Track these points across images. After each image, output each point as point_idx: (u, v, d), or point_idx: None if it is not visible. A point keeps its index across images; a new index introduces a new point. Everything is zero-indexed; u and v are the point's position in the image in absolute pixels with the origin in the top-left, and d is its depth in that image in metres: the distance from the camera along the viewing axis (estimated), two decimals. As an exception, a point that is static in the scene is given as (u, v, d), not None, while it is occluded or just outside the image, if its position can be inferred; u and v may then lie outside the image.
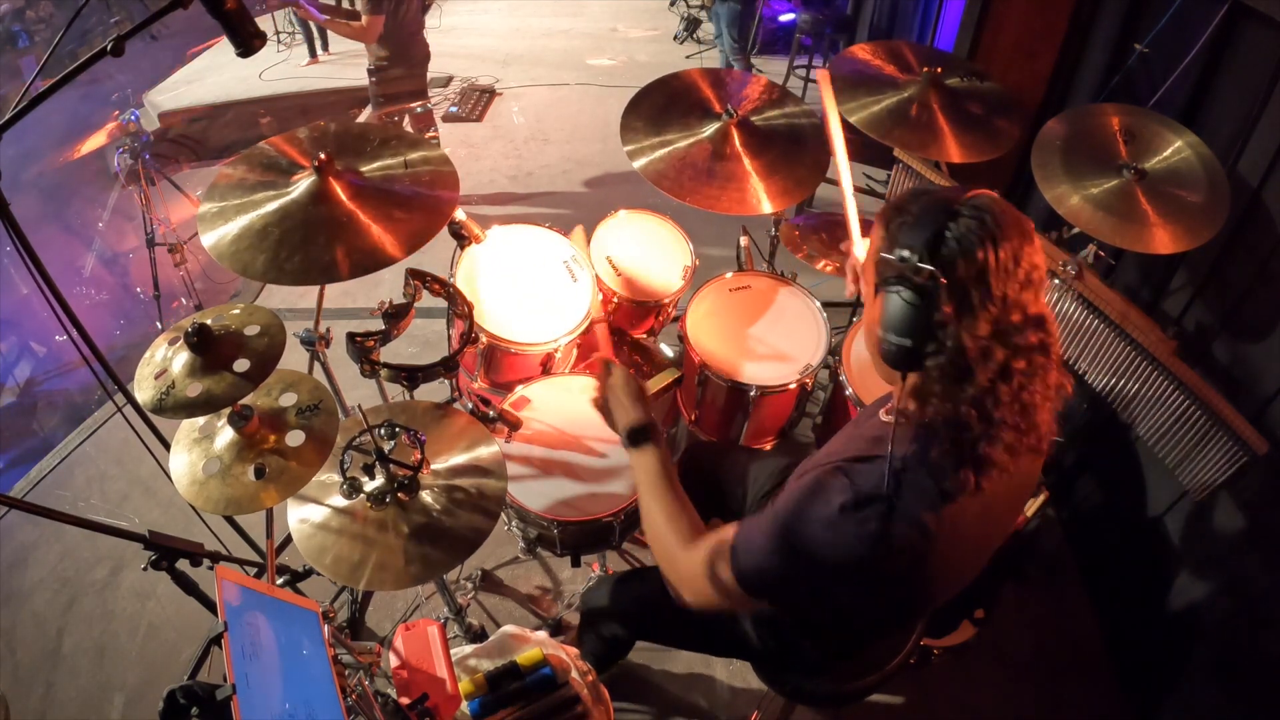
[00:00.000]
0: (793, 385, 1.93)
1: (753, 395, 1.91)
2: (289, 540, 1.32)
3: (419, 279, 1.67)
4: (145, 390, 1.22)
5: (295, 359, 1.59)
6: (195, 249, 3.24)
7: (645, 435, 1.19)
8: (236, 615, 0.91)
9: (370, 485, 1.32)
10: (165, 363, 1.24)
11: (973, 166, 2.05)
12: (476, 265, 1.98)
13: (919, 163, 2.26)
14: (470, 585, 2.11)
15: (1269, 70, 1.73)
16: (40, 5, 6.07)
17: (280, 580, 1.54)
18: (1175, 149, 1.82)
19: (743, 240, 2.37)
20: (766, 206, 1.91)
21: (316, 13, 3.14)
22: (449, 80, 5.33)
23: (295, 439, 1.30)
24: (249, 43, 1.15)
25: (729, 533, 1.02)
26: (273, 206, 1.43)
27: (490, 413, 1.57)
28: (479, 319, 1.80)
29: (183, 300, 3.36)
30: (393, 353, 2.86)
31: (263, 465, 1.26)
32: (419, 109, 3.67)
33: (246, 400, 1.28)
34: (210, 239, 1.39)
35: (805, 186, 1.99)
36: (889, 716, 1.94)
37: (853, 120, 2.05)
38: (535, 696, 1.44)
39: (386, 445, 1.32)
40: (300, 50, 5.78)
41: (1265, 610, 1.61)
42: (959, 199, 0.88)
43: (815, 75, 1.65)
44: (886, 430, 1.00)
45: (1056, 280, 1.88)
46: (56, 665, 2.06)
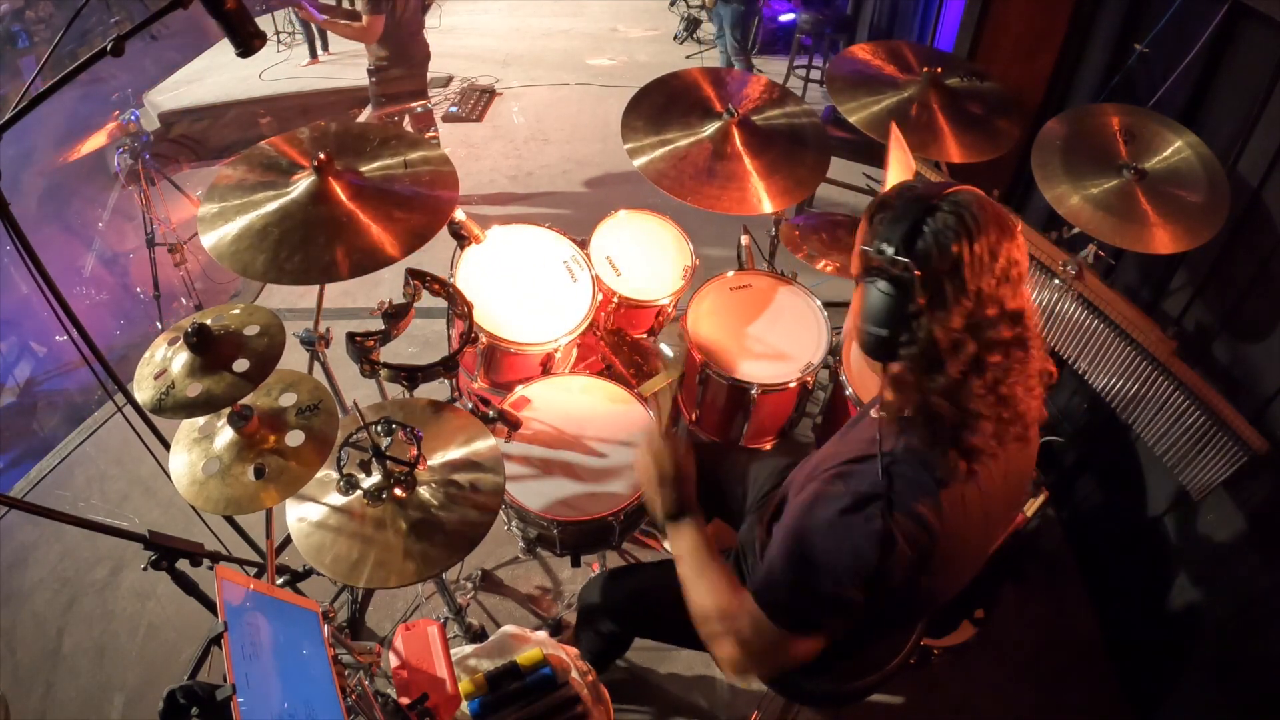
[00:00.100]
0: (793, 384, 1.93)
1: (753, 394, 1.91)
2: (289, 540, 1.32)
3: (419, 279, 1.67)
4: (145, 390, 1.22)
5: (295, 359, 1.59)
6: (195, 249, 3.24)
7: (685, 509, 1.20)
8: (236, 615, 0.91)
9: (367, 482, 1.32)
10: (165, 363, 1.24)
11: (973, 166, 2.05)
12: (476, 265, 1.98)
13: (919, 163, 2.26)
14: (470, 585, 2.11)
15: (1269, 70, 1.73)
16: (40, 5, 6.07)
17: (280, 580, 1.54)
18: (1175, 149, 1.82)
19: (743, 240, 2.37)
20: (767, 206, 1.92)
21: (317, 13, 3.14)
22: (449, 80, 5.33)
23: (295, 439, 1.30)
24: (249, 43, 1.15)
25: (747, 590, 1.03)
26: (273, 206, 1.43)
27: (490, 412, 1.57)
28: (479, 319, 1.80)
29: (183, 300, 3.36)
30: (393, 353, 2.85)
31: (262, 465, 1.26)
32: (419, 109, 3.67)
33: (246, 400, 1.28)
34: (210, 239, 1.39)
35: (806, 186, 2.00)
36: (889, 716, 1.94)
37: (853, 120, 2.05)
38: (535, 696, 1.44)
39: (383, 442, 1.32)
40: (300, 50, 5.78)
41: (1265, 610, 1.61)
42: (940, 194, 0.89)
43: (891, 134, 1.65)
44: (876, 428, 1.01)
45: (1056, 280, 1.88)
46: (56, 665, 2.06)
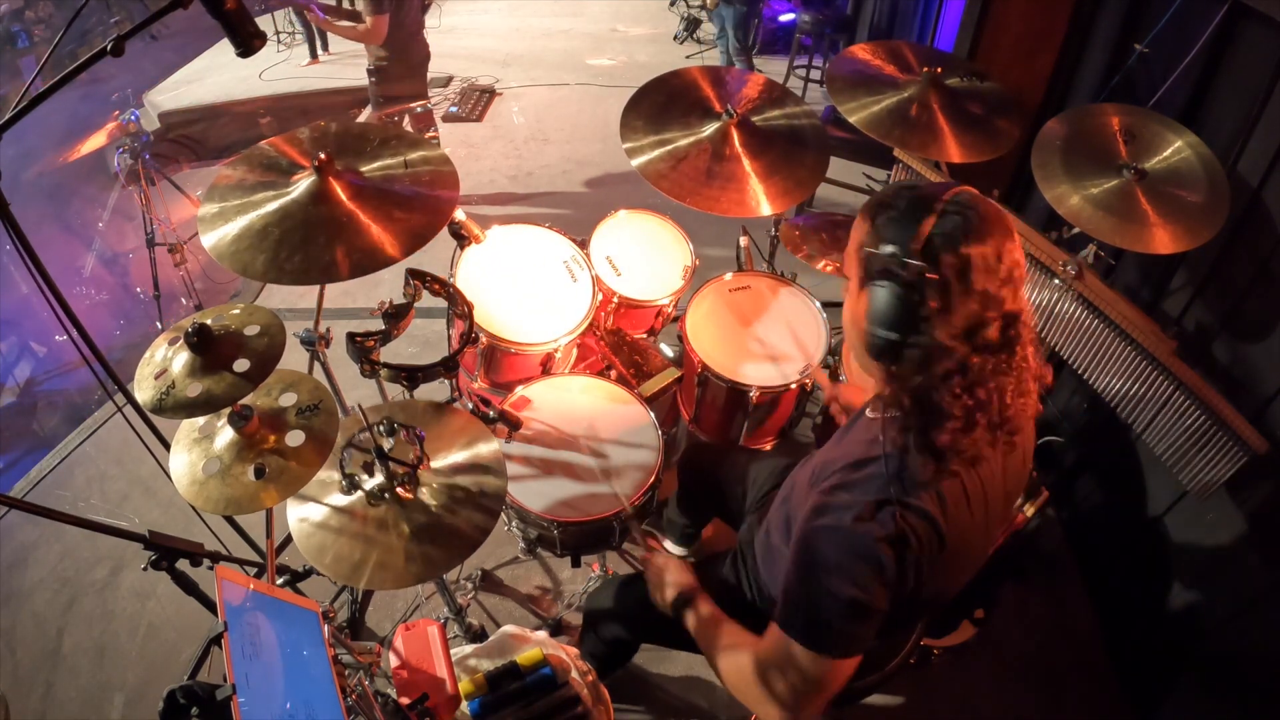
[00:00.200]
0: (793, 385, 1.93)
1: (752, 395, 1.91)
2: (289, 540, 1.32)
3: (419, 279, 1.67)
4: (145, 390, 1.22)
5: (295, 359, 1.59)
6: (195, 249, 3.24)
7: (692, 599, 1.23)
8: (236, 615, 0.90)
9: (369, 483, 1.32)
10: (165, 363, 1.24)
11: (973, 166, 2.05)
12: (476, 265, 1.98)
13: (919, 163, 2.26)
14: (470, 585, 2.11)
15: (1269, 70, 1.73)
16: (40, 5, 6.07)
17: (280, 580, 1.54)
18: (1175, 149, 1.82)
19: (743, 240, 2.37)
20: (766, 209, 1.91)
21: (321, 14, 3.14)
22: (449, 80, 5.33)
23: (295, 439, 1.30)
24: (249, 43, 1.15)
25: (774, 627, 1.02)
26: (273, 206, 1.43)
27: (490, 413, 1.57)
28: (479, 319, 1.80)
29: (183, 300, 3.36)
30: (393, 353, 2.86)
31: (263, 465, 1.26)
32: (419, 109, 3.67)
33: (246, 400, 1.28)
34: (210, 239, 1.39)
35: (805, 188, 1.99)
36: (889, 716, 1.94)
37: (853, 120, 2.05)
38: (535, 696, 1.44)
39: (385, 443, 1.32)
40: (300, 50, 5.78)
41: (1265, 610, 1.61)
42: (943, 194, 0.89)
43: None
44: (874, 429, 1.01)
45: (1056, 280, 1.88)
46: (56, 665, 2.06)
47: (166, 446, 1.38)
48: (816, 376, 1.84)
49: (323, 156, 1.46)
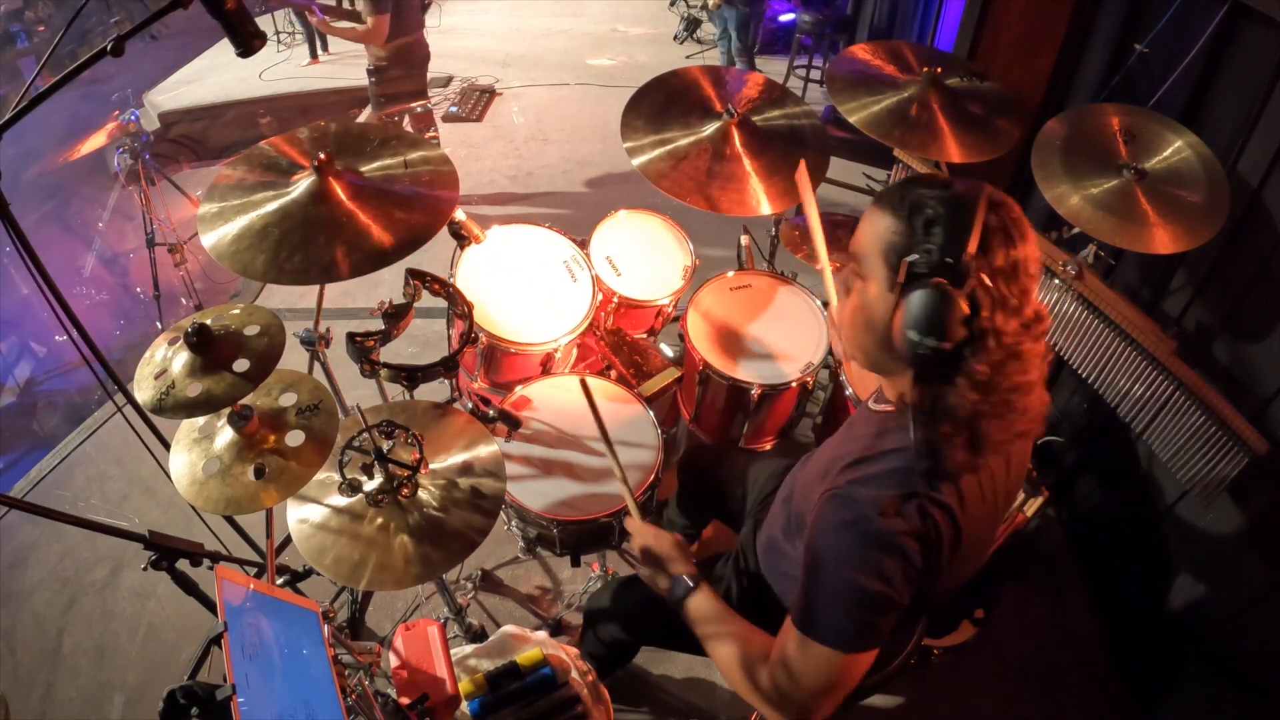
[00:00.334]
0: (793, 385, 1.93)
1: (753, 395, 1.91)
2: (289, 540, 1.32)
3: (419, 279, 1.67)
4: (145, 390, 1.22)
5: (295, 359, 1.59)
6: (195, 249, 3.24)
7: (691, 585, 1.17)
8: (236, 615, 0.90)
9: (369, 485, 1.32)
10: (165, 363, 1.24)
11: (973, 166, 2.05)
12: (476, 265, 1.98)
13: (919, 163, 2.26)
14: (470, 585, 2.11)
15: (1269, 70, 1.73)
16: (40, 5, 6.07)
17: (280, 580, 1.54)
18: (1175, 149, 1.82)
19: (743, 240, 2.37)
20: (766, 208, 1.91)
21: (320, 14, 3.14)
22: (449, 80, 5.33)
23: (295, 439, 1.30)
24: (249, 43, 1.15)
25: (787, 624, 0.98)
26: (273, 206, 1.43)
27: (490, 412, 1.57)
28: (479, 319, 1.80)
29: (183, 300, 3.36)
30: (393, 353, 2.86)
31: (263, 465, 1.26)
32: (419, 109, 3.67)
33: (246, 400, 1.28)
34: (210, 239, 1.39)
35: (805, 186, 1.99)
36: (889, 716, 1.94)
37: (853, 120, 2.05)
38: (535, 696, 1.44)
39: (385, 445, 1.32)
40: (300, 50, 5.79)
41: (1265, 610, 1.61)
42: (978, 193, 0.86)
43: (796, 175, 1.66)
44: (885, 423, 1.01)
45: (1056, 280, 1.88)
46: (56, 665, 2.06)
47: (166, 446, 1.38)
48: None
49: (323, 156, 1.46)
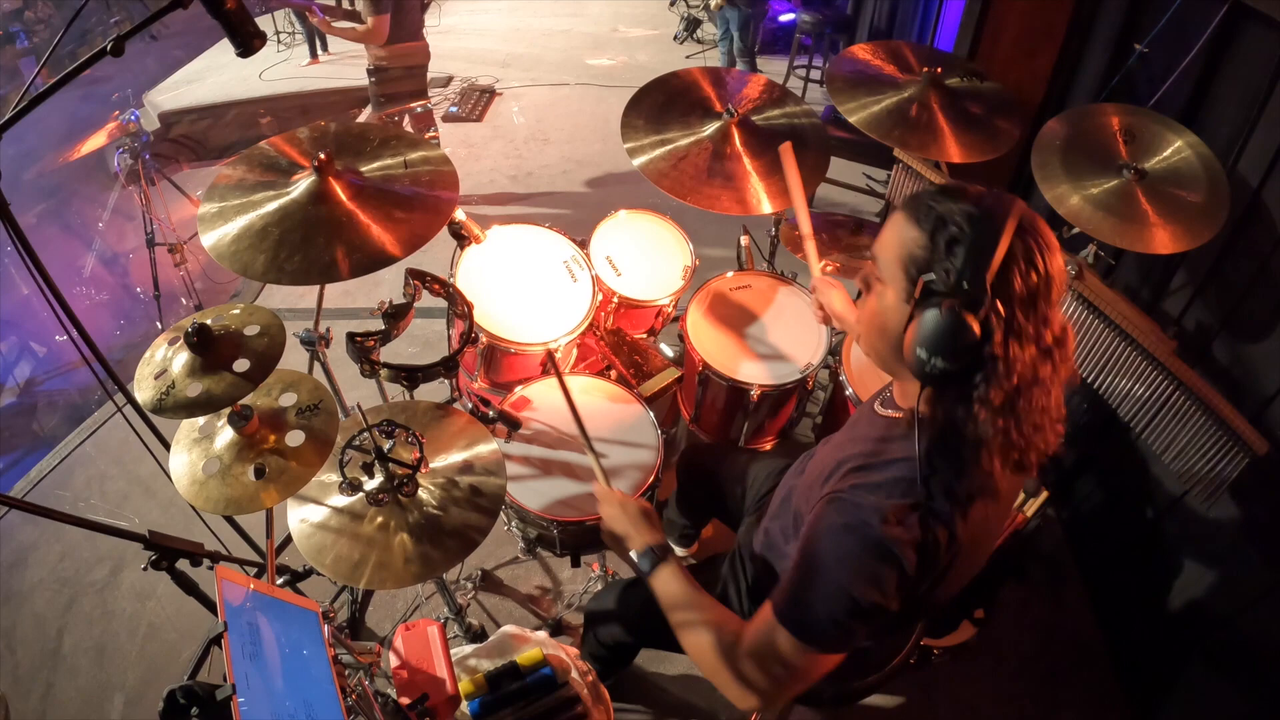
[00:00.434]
0: (793, 385, 1.93)
1: (753, 395, 1.91)
2: (289, 540, 1.32)
3: (419, 279, 1.67)
4: (145, 390, 1.22)
5: (295, 359, 1.59)
6: (195, 249, 3.24)
7: (658, 557, 1.14)
8: (236, 615, 0.91)
9: (369, 484, 1.32)
10: (165, 363, 1.24)
11: (973, 166, 2.05)
12: (476, 265, 1.98)
13: (919, 163, 2.26)
14: (470, 585, 2.11)
15: (1269, 70, 1.73)
16: (40, 5, 6.07)
17: (280, 580, 1.54)
18: (1175, 149, 1.82)
19: (743, 240, 2.37)
20: (766, 207, 1.92)
21: (320, 14, 3.14)
22: (449, 80, 5.33)
23: (295, 439, 1.30)
24: (249, 43, 1.15)
25: (766, 611, 0.98)
26: (273, 206, 1.43)
27: (490, 413, 1.57)
28: (479, 319, 1.80)
29: (183, 300, 3.36)
30: (393, 353, 2.86)
31: (263, 465, 1.26)
32: (419, 109, 3.67)
33: (246, 400, 1.28)
34: (210, 239, 1.39)
35: (805, 187, 1.99)
36: (889, 716, 1.94)
37: (853, 120, 2.05)
38: (535, 696, 1.44)
39: (385, 444, 1.32)
40: (300, 50, 5.79)
41: (1265, 610, 1.61)
42: (1006, 214, 0.83)
43: (780, 150, 1.72)
44: (891, 429, 1.01)
45: (1056, 280, 1.88)
46: (56, 665, 2.06)
47: (166, 446, 1.38)
48: (807, 255, 1.73)
49: (323, 156, 1.46)
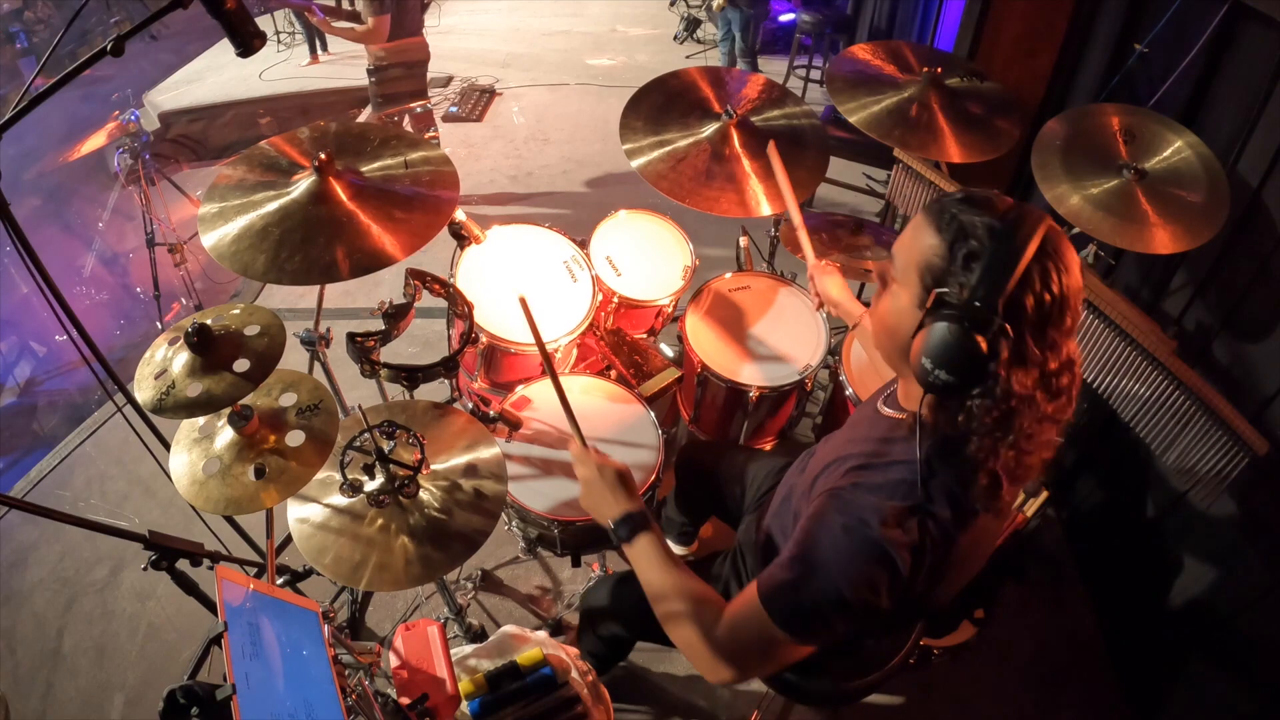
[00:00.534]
0: (791, 386, 1.93)
1: (752, 396, 1.91)
2: (289, 540, 1.32)
3: (419, 279, 1.67)
4: (145, 390, 1.22)
5: (295, 359, 1.59)
6: (195, 249, 3.24)
7: (636, 525, 1.10)
8: (236, 615, 0.91)
9: (370, 485, 1.32)
10: (165, 363, 1.24)
11: (973, 166, 2.05)
12: (476, 265, 1.98)
13: (919, 163, 2.26)
14: (470, 585, 2.11)
15: (1269, 70, 1.73)
16: (40, 5, 6.07)
17: (280, 580, 1.54)
18: (1175, 149, 1.83)
19: (742, 240, 2.37)
20: (765, 209, 1.91)
21: (320, 14, 3.14)
22: (449, 80, 5.33)
23: (295, 439, 1.30)
24: (249, 43, 1.15)
25: (751, 592, 0.97)
26: (273, 206, 1.43)
27: (490, 413, 1.57)
28: (479, 319, 1.80)
29: (183, 300, 3.36)
30: (393, 353, 2.86)
31: (263, 465, 1.26)
32: (419, 109, 3.67)
33: (246, 400, 1.28)
34: (210, 239, 1.39)
35: (804, 188, 1.99)
36: (889, 716, 1.94)
37: (853, 120, 2.05)
38: (535, 696, 1.44)
39: (386, 445, 1.32)
40: (300, 50, 5.79)
41: (1265, 610, 1.61)
42: (1025, 227, 0.82)
43: (768, 150, 1.78)
44: (894, 430, 1.00)
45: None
46: (56, 665, 2.06)
47: (166, 446, 1.38)
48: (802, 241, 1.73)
49: (323, 156, 1.46)
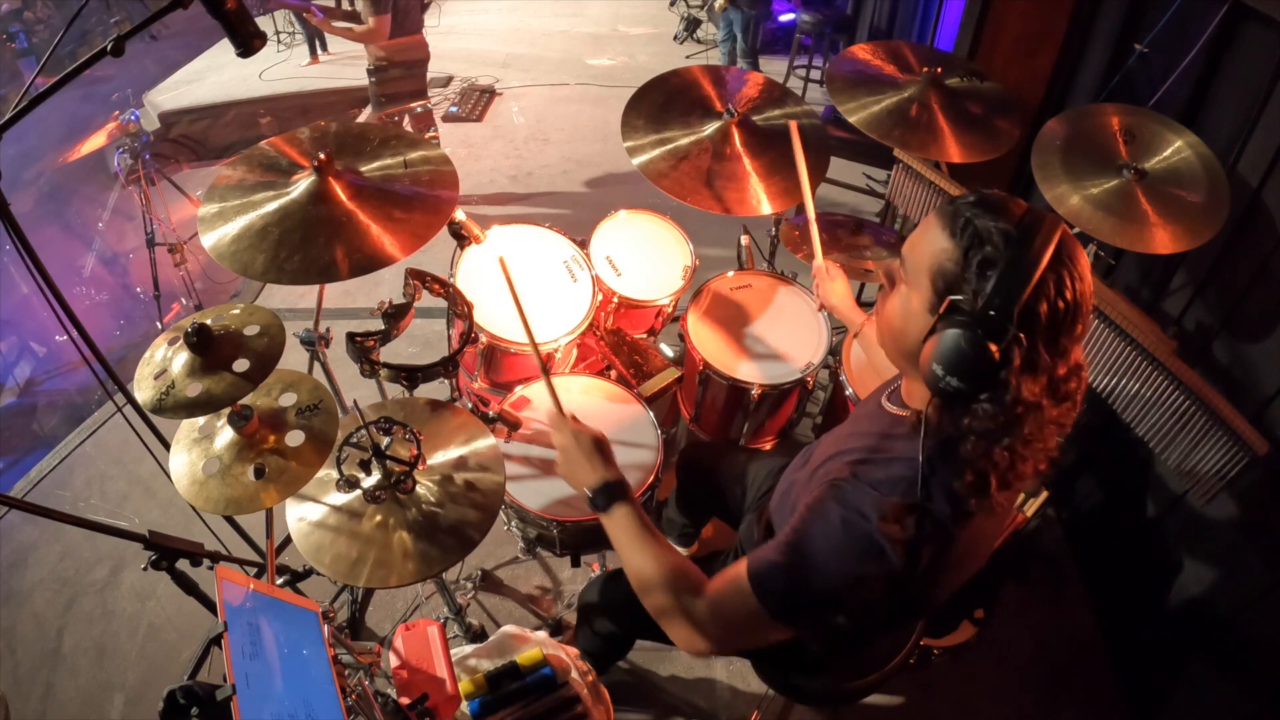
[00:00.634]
0: (793, 385, 1.93)
1: (753, 395, 1.91)
2: (289, 540, 1.32)
3: (419, 279, 1.67)
4: (145, 390, 1.22)
5: (295, 359, 1.59)
6: (195, 249, 3.24)
7: (613, 494, 1.10)
8: (236, 615, 0.91)
9: (367, 481, 1.32)
10: (165, 363, 1.24)
11: (973, 166, 2.05)
12: (476, 265, 1.98)
13: (919, 163, 2.26)
14: (470, 585, 2.11)
15: (1269, 70, 1.73)
16: (39, 5, 6.07)
17: (280, 580, 1.54)
18: (1175, 149, 1.82)
19: (743, 240, 2.37)
20: (766, 208, 1.91)
21: (320, 14, 3.14)
22: (449, 80, 5.33)
23: (295, 439, 1.30)
24: (249, 43, 1.15)
25: (740, 569, 0.97)
26: (273, 206, 1.43)
27: (490, 413, 1.57)
28: (479, 319, 1.80)
29: (183, 300, 3.36)
30: (393, 353, 2.86)
31: (262, 465, 1.26)
32: (419, 109, 3.67)
33: (246, 400, 1.28)
34: (210, 239, 1.39)
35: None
36: (889, 716, 1.94)
37: (853, 120, 2.05)
38: (535, 696, 1.44)
39: (383, 441, 1.32)
40: (300, 50, 5.79)
41: (1265, 610, 1.61)
42: (1041, 234, 0.81)
43: (788, 124, 1.74)
44: (896, 427, 1.00)
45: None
46: (56, 665, 2.06)
47: (166, 446, 1.38)
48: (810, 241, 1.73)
49: (323, 156, 1.46)
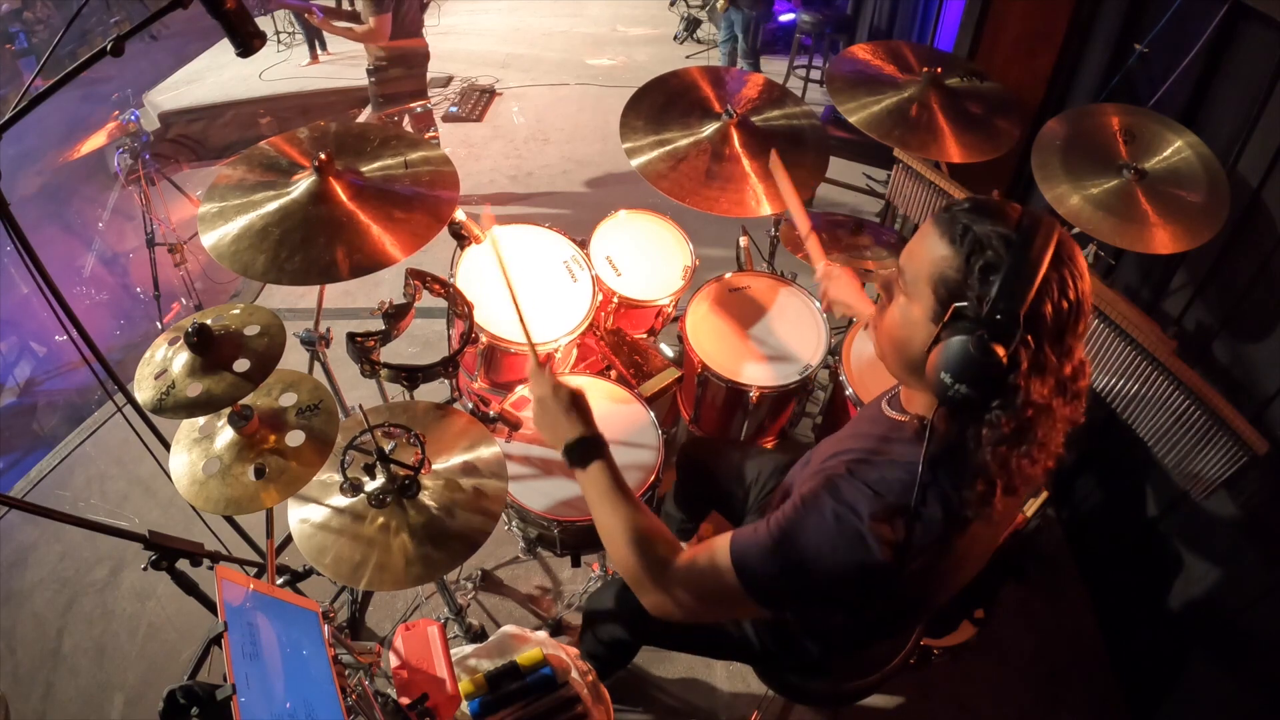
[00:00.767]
0: (792, 386, 1.93)
1: (752, 396, 1.91)
2: (289, 540, 1.32)
3: (419, 279, 1.67)
4: (145, 390, 1.22)
5: (295, 359, 1.59)
6: (195, 249, 3.24)
7: (589, 450, 1.06)
8: (236, 615, 0.91)
9: (371, 485, 1.32)
10: (165, 363, 1.24)
11: (973, 166, 2.05)
12: (476, 265, 1.98)
13: (919, 163, 2.26)
14: (470, 585, 2.11)
15: (1269, 70, 1.73)
16: (39, 5, 6.07)
17: (280, 580, 1.54)
18: (1175, 149, 1.83)
19: (742, 240, 2.38)
20: (765, 209, 1.91)
21: (320, 14, 3.14)
22: (449, 80, 5.33)
23: (295, 439, 1.30)
24: (249, 43, 1.15)
25: (722, 542, 0.97)
26: (273, 206, 1.43)
27: (490, 413, 1.57)
28: (479, 319, 1.80)
29: (183, 300, 3.36)
30: (393, 353, 2.86)
31: (263, 465, 1.26)
32: (419, 109, 3.67)
33: (246, 400, 1.28)
34: (210, 239, 1.39)
35: (804, 188, 1.99)
36: (889, 716, 1.94)
37: (853, 120, 2.05)
38: (535, 696, 1.44)
39: (387, 446, 1.32)
40: (300, 50, 5.79)
41: (1265, 610, 1.61)
42: (1040, 236, 0.81)
43: (770, 161, 1.71)
44: (897, 431, 1.00)
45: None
46: (56, 665, 2.06)
47: (166, 446, 1.38)
48: (810, 249, 1.72)
49: (323, 156, 1.46)
